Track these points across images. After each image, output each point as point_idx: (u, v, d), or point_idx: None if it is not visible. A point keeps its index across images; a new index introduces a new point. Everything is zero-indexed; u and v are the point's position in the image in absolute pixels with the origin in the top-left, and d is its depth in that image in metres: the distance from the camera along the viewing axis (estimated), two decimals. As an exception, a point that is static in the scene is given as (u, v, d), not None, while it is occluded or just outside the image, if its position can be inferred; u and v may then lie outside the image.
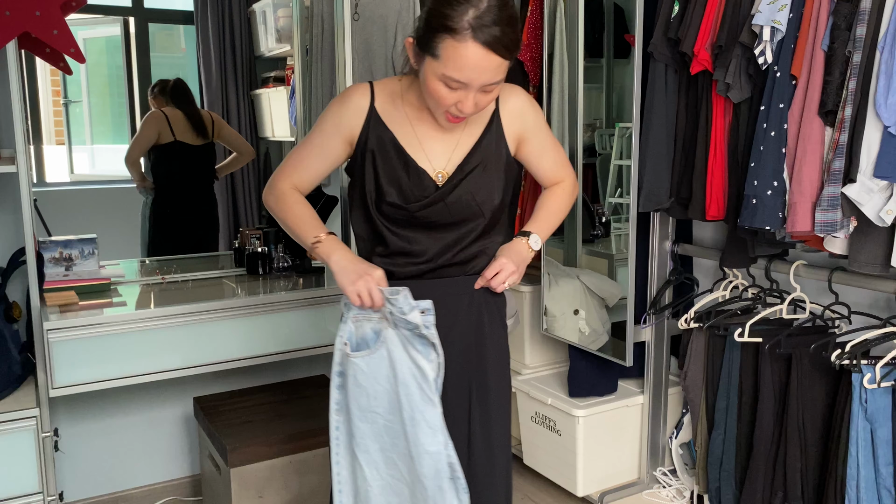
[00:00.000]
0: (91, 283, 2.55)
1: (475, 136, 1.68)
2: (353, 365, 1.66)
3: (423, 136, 1.66)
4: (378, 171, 1.65)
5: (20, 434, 2.19)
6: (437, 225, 1.66)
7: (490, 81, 1.51)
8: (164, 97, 2.98)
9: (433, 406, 1.62)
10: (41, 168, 2.90)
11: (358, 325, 1.67)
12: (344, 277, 1.62)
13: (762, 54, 2.10)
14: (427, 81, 1.53)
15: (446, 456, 1.64)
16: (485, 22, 1.44)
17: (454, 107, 1.54)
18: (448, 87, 1.51)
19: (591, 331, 2.76)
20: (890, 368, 1.96)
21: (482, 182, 1.66)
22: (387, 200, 1.64)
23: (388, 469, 1.69)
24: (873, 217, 1.90)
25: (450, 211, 1.65)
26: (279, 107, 3.15)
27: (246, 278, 2.84)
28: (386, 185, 1.64)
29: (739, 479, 2.36)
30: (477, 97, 1.53)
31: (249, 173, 3.21)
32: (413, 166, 1.64)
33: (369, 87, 1.68)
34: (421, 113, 1.66)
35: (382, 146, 1.65)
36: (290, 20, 3.03)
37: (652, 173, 2.44)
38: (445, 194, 1.64)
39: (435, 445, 1.62)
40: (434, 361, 1.63)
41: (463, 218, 1.66)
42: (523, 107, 1.71)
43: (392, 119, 1.66)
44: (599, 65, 2.86)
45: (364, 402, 1.67)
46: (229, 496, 2.35)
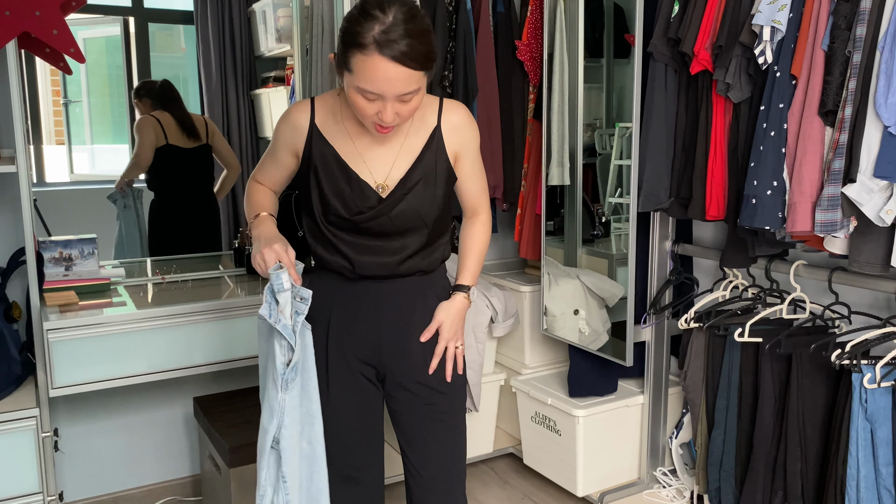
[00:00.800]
0: (91, 283, 2.55)
1: (416, 150, 1.73)
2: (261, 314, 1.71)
3: (364, 149, 1.72)
4: (322, 185, 1.72)
5: (20, 434, 2.19)
6: (382, 234, 1.73)
7: (404, 91, 1.55)
8: (150, 99, 2.97)
9: (275, 389, 1.69)
10: (41, 168, 2.90)
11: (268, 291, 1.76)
12: (255, 247, 1.71)
13: (762, 54, 2.10)
14: (349, 94, 1.60)
15: (273, 435, 1.70)
16: (391, 37, 1.50)
17: (376, 116, 1.59)
18: (366, 99, 1.57)
19: (591, 331, 2.76)
20: (890, 368, 1.96)
21: (425, 196, 1.72)
22: (332, 213, 1.72)
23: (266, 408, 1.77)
24: (873, 217, 1.90)
25: (393, 223, 1.71)
26: (279, 107, 3.15)
27: (246, 278, 2.84)
28: (331, 198, 1.71)
29: (739, 479, 2.36)
30: (396, 107, 1.58)
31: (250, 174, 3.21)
32: (355, 179, 1.70)
33: (310, 105, 1.75)
34: (360, 127, 1.72)
35: (325, 161, 1.72)
36: (290, 20, 3.03)
37: (652, 173, 2.44)
38: (389, 208, 1.71)
39: (266, 422, 1.70)
40: (284, 348, 1.68)
41: (407, 228, 1.73)
42: (463, 124, 1.77)
43: (332, 134, 1.73)
44: (599, 65, 2.86)
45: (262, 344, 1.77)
46: (229, 496, 2.35)
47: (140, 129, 2.96)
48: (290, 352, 1.68)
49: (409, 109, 1.61)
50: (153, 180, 2.98)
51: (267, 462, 1.71)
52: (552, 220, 2.90)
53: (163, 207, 3.01)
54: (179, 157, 3.01)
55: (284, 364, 1.68)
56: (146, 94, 2.98)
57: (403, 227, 1.73)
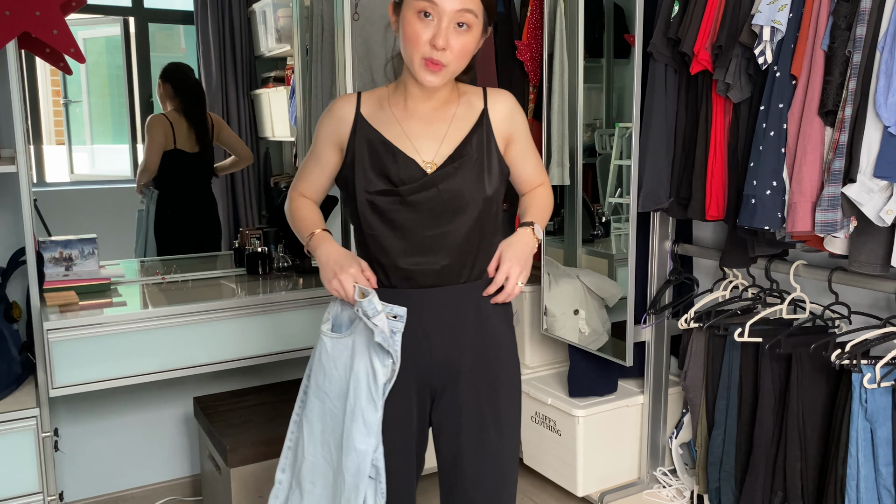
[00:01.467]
0: (91, 283, 2.55)
1: (464, 131, 1.70)
2: (323, 342, 1.72)
3: (411, 132, 1.69)
4: (366, 168, 1.67)
5: (20, 434, 2.19)
6: (430, 216, 1.65)
7: (462, 7, 1.55)
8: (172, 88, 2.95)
9: (375, 409, 1.65)
10: (41, 168, 2.90)
11: (343, 307, 1.73)
12: (324, 272, 1.69)
13: (762, 54, 2.10)
14: (405, 26, 1.59)
15: (373, 458, 1.66)
16: None
17: (428, 46, 1.57)
18: (421, 21, 1.56)
19: (591, 331, 2.76)
20: (890, 368, 1.96)
21: (473, 172, 1.68)
22: (377, 189, 1.65)
23: (322, 449, 1.74)
24: (873, 217, 1.90)
25: (441, 198, 1.64)
26: (279, 107, 3.15)
27: (246, 278, 2.84)
28: (372, 176, 1.66)
29: (739, 479, 2.36)
30: (451, 36, 1.57)
31: (249, 173, 3.21)
32: (401, 155, 1.66)
33: (356, 97, 1.74)
34: (407, 112, 1.70)
35: (371, 144, 1.68)
36: (290, 20, 3.03)
37: (652, 173, 2.44)
38: (438, 179, 1.64)
39: (365, 445, 1.65)
40: (388, 367, 1.64)
41: (453, 208, 1.66)
42: (511, 109, 1.75)
43: (379, 121, 1.70)
44: (599, 65, 2.86)
45: (321, 380, 1.72)
46: (229, 496, 2.35)
47: (150, 130, 2.96)
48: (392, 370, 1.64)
49: (461, 45, 1.59)
50: (157, 181, 2.99)
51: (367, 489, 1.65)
52: (552, 220, 2.90)
53: (165, 208, 3.01)
54: (185, 161, 3.02)
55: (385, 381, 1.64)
56: (170, 79, 2.97)
57: (450, 206, 1.64)
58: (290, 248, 2.94)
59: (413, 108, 1.70)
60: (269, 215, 3.18)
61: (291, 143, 3.20)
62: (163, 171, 2.98)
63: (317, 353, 1.74)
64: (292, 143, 3.17)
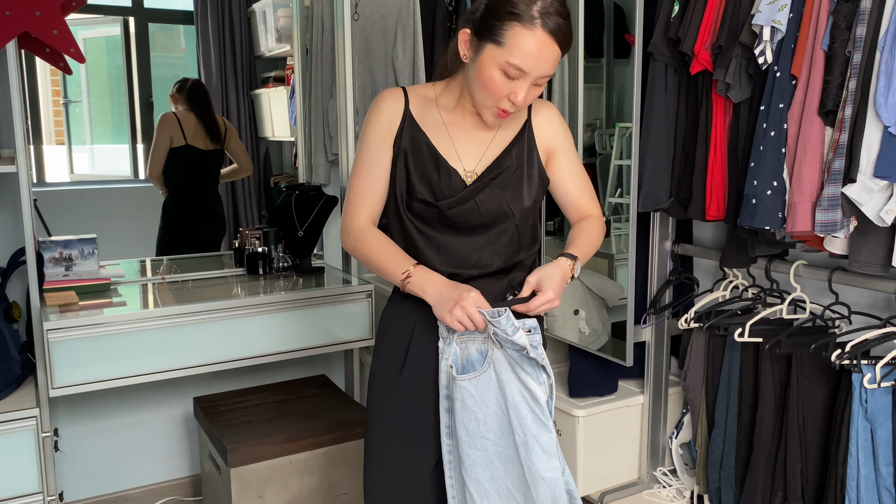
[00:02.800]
0: (91, 283, 2.55)
1: (507, 140, 1.69)
2: (461, 388, 1.61)
3: (456, 138, 1.67)
4: (409, 170, 1.64)
5: (20, 434, 2.19)
6: (467, 226, 1.64)
7: (547, 73, 1.54)
8: (181, 95, 2.99)
9: (547, 430, 1.58)
10: (41, 168, 2.90)
11: (463, 346, 1.62)
12: (441, 308, 1.57)
13: (762, 54, 2.10)
14: (483, 71, 1.54)
15: (564, 483, 1.60)
16: (550, 11, 1.49)
17: (506, 100, 1.55)
18: (506, 77, 1.52)
19: (591, 331, 2.76)
20: (890, 368, 1.96)
21: (512, 183, 1.66)
22: (417, 198, 1.63)
23: (500, 498, 1.64)
24: (873, 217, 1.90)
25: (480, 210, 1.63)
26: (279, 107, 3.15)
27: (246, 278, 2.84)
28: (416, 183, 1.63)
29: (739, 479, 2.35)
30: (529, 89, 1.55)
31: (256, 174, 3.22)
32: (444, 165, 1.64)
33: (402, 92, 1.69)
34: (454, 116, 1.68)
35: (416, 146, 1.65)
36: (290, 20, 3.03)
37: (652, 173, 2.44)
38: (475, 192, 1.63)
39: (551, 472, 1.58)
40: (545, 384, 1.59)
41: (493, 219, 1.64)
42: (554, 120, 1.74)
43: (425, 122, 1.67)
44: (599, 65, 2.86)
45: (473, 427, 1.61)
46: (229, 496, 2.35)
47: (158, 128, 2.98)
48: (549, 379, 1.59)
49: (535, 95, 1.58)
50: (169, 179, 3.00)
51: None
52: (552, 220, 2.90)
53: (175, 206, 3.02)
54: (197, 158, 3.03)
55: (546, 402, 1.59)
56: (178, 90, 3.01)
57: (490, 218, 1.63)
58: (290, 248, 2.94)
59: (460, 114, 1.68)
60: (269, 215, 3.18)
61: (291, 143, 3.20)
62: (175, 167, 2.99)
63: (457, 402, 1.62)
64: (292, 143, 3.18)
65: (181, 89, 3.00)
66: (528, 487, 1.60)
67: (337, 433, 2.46)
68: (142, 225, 3.03)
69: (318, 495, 2.46)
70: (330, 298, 2.63)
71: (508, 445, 1.62)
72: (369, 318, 2.70)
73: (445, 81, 1.70)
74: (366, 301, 2.69)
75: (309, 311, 2.60)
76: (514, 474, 1.62)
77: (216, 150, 3.06)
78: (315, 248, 3.01)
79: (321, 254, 3.12)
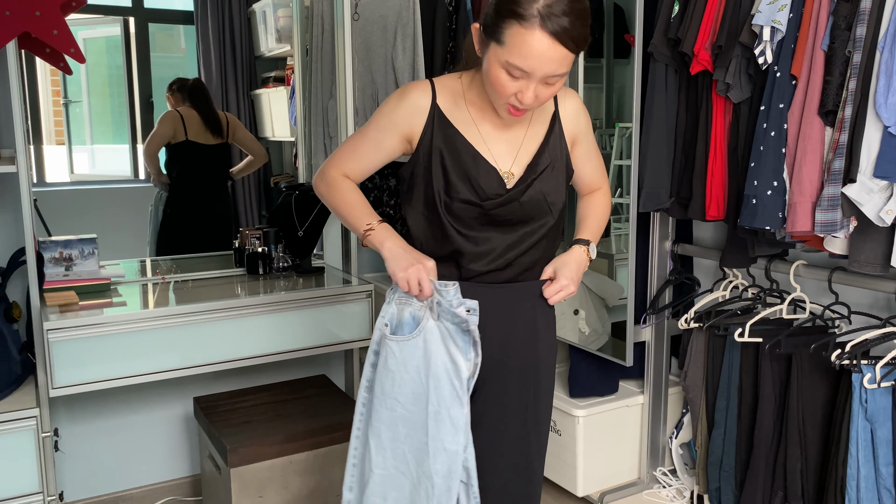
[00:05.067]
0: (91, 283, 2.55)
1: (540, 136, 1.67)
2: (388, 346, 1.64)
3: (488, 136, 1.64)
4: (447, 170, 1.61)
5: (20, 434, 2.19)
6: (506, 222, 1.63)
7: (553, 73, 1.47)
8: (181, 94, 2.99)
9: (461, 405, 1.60)
10: (41, 168, 2.90)
11: (400, 307, 1.65)
12: (396, 264, 1.60)
13: (762, 54, 2.10)
14: (490, 68, 1.51)
15: (463, 458, 1.62)
16: (554, 11, 1.42)
17: (514, 97, 1.51)
18: (510, 76, 1.48)
19: (591, 331, 2.76)
20: (890, 368, 1.96)
21: (552, 182, 1.66)
22: (459, 198, 1.60)
23: (394, 460, 1.67)
24: (873, 217, 1.90)
25: (523, 209, 1.62)
26: (279, 107, 3.15)
27: (246, 278, 2.85)
28: (457, 183, 1.60)
29: (739, 479, 2.36)
30: (538, 89, 1.50)
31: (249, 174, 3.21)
32: (483, 163, 1.61)
33: (430, 85, 1.65)
34: (483, 113, 1.64)
35: (451, 144, 1.62)
36: (290, 20, 3.03)
37: (652, 173, 2.44)
38: (520, 193, 1.62)
39: (455, 444, 1.60)
40: (471, 361, 1.61)
41: (532, 216, 1.64)
42: (578, 109, 1.74)
43: (456, 118, 1.63)
44: (599, 65, 2.86)
45: (388, 386, 1.64)
46: (229, 496, 2.35)
47: (159, 122, 2.99)
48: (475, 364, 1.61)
49: (549, 93, 1.52)
50: (171, 175, 3.00)
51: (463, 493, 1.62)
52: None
53: (177, 203, 3.02)
54: (199, 153, 3.03)
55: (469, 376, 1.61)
56: (178, 89, 3.01)
57: (530, 215, 1.63)
58: (290, 248, 2.94)
59: (491, 109, 1.63)
60: (269, 215, 3.18)
61: (291, 143, 3.20)
62: (176, 163, 3.00)
63: (381, 359, 1.66)
64: (292, 143, 3.18)
65: (181, 88, 3.00)
66: (425, 456, 1.63)
67: (337, 433, 2.46)
68: (142, 225, 3.03)
69: (318, 495, 2.46)
70: (330, 298, 2.63)
71: (417, 413, 1.63)
72: (369, 318, 2.70)
73: (472, 72, 1.65)
74: (366, 301, 2.70)
75: (309, 311, 2.60)
76: (415, 442, 1.64)
77: (220, 145, 3.06)
78: (315, 248, 3.01)
79: (321, 254, 3.12)
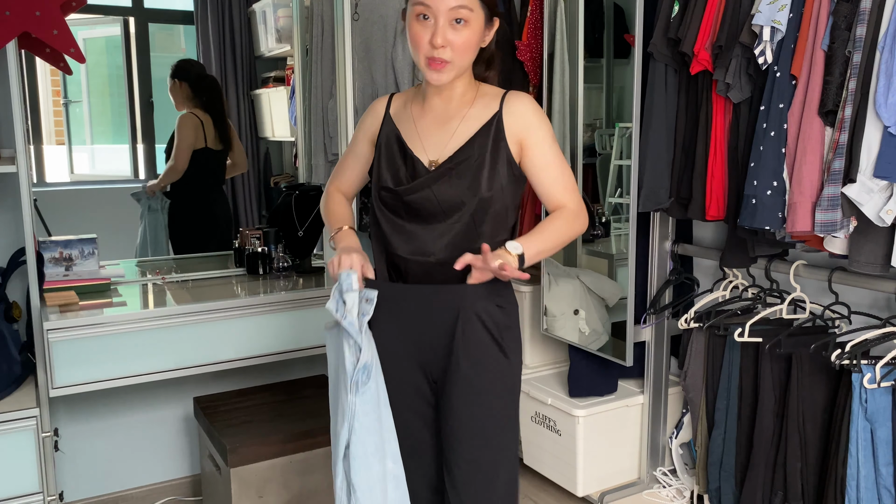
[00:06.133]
0: (91, 283, 2.55)
1: (472, 131, 1.73)
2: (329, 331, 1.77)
3: (424, 130, 1.77)
4: (381, 162, 1.79)
5: (20, 434, 2.19)
6: (427, 214, 1.71)
7: (455, 4, 1.60)
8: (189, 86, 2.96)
9: (345, 393, 1.67)
10: (41, 168, 2.90)
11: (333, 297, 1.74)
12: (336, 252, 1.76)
13: (762, 54, 2.10)
14: (408, 31, 1.67)
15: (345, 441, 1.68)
16: None
17: (428, 45, 1.63)
18: (419, 22, 1.64)
19: (591, 331, 2.76)
20: (890, 368, 1.96)
21: (471, 173, 1.69)
22: (383, 186, 1.76)
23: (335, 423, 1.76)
24: (873, 217, 1.90)
25: (439, 201, 1.69)
26: (279, 107, 3.15)
27: (246, 278, 2.85)
28: (384, 172, 1.77)
29: (739, 479, 2.36)
30: (448, 32, 1.62)
31: (250, 174, 3.22)
32: (409, 155, 1.75)
33: (389, 97, 1.87)
34: (423, 111, 1.79)
35: (388, 140, 1.80)
36: (290, 20, 3.03)
37: (652, 173, 2.44)
38: (433, 180, 1.70)
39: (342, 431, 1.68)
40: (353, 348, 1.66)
41: (449, 208, 1.70)
42: (527, 112, 1.74)
43: (400, 119, 1.81)
44: (599, 65, 2.86)
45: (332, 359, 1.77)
46: (229, 496, 2.35)
47: (182, 127, 2.96)
48: (358, 351, 1.66)
49: (461, 41, 1.64)
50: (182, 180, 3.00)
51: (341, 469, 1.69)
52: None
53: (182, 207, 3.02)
54: (210, 158, 3.04)
55: (354, 364, 1.66)
56: (185, 77, 2.98)
57: (446, 208, 1.69)
58: (290, 248, 2.94)
59: (429, 107, 1.78)
60: (269, 215, 3.18)
61: (291, 143, 3.20)
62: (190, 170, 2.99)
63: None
64: (292, 143, 3.18)
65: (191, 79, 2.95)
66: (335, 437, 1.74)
67: (337, 433, 2.46)
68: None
69: (318, 495, 2.46)
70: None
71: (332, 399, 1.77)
72: (369, 318, 2.69)
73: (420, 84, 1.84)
74: (366, 301, 2.69)
75: (309, 311, 2.60)
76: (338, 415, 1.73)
77: (224, 150, 3.07)
78: (315, 248, 3.01)
79: (321, 254, 3.12)
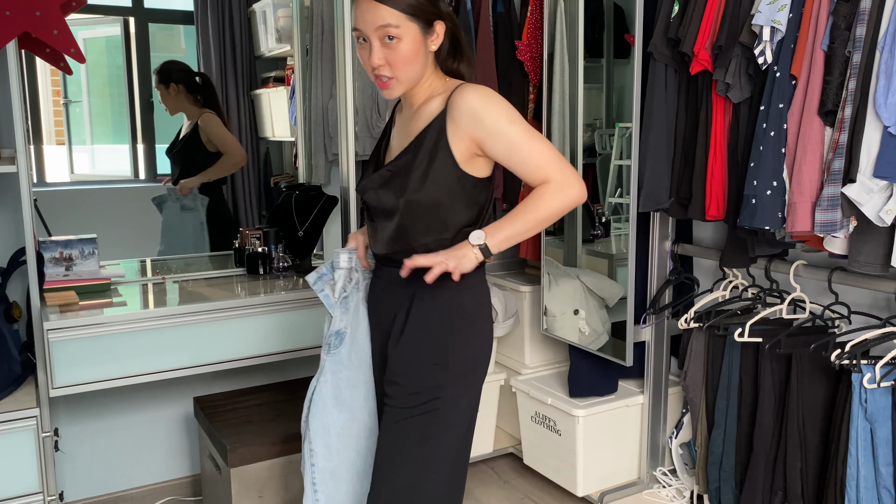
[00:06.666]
0: (91, 283, 2.55)
1: (414, 134, 1.73)
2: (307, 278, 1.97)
3: (396, 133, 1.84)
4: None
5: (20, 434, 2.19)
6: (379, 212, 1.77)
7: (380, 24, 1.61)
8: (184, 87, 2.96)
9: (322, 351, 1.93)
10: (41, 168, 2.90)
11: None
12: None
13: (762, 54, 2.10)
14: None
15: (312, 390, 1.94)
16: None
17: (370, 66, 1.67)
18: (361, 47, 1.67)
19: (591, 331, 2.76)
20: (890, 368, 1.96)
21: (400, 176, 1.70)
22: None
23: None
24: (873, 217, 1.90)
25: (379, 198, 1.74)
26: (279, 107, 3.15)
27: (246, 278, 2.84)
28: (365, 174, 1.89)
29: (739, 479, 2.36)
30: (382, 52, 1.64)
31: (250, 174, 3.21)
32: (375, 154, 1.87)
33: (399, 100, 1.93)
34: (401, 114, 1.84)
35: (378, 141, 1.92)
36: (290, 20, 3.03)
37: (652, 173, 2.44)
38: (374, 181, 1.77)
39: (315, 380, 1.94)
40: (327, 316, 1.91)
41: (385, 209, 1.74)
42: (469, 106, 1.63)
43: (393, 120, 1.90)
44: (599, 65, 2.86)
45: None
46: (229, 496, 2.35)
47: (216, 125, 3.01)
48: (330, 319, 1.89)
49: (397, 57, 1.64)
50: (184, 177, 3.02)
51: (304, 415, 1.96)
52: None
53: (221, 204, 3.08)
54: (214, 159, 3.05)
55: (327, 328, 1.91)
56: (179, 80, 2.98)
57: (383, 208, 1.75)
58: (290, 248, 2.94)
59: (405, 110, 1.82)
60: (269, 215, 3.18)
61: (291, 143, 3.19)
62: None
63: None
64: (292, 143, 3.17)
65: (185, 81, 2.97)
66: None
67: (337, 433, 2.46)
68: (142, 225, 3.03)
69: (318, 495, 2.45)
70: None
71: None
72: (369, 318, 2.69)
73: None
74: (366, 301, 2.69)
75: (309, 310, 2.60)
76: None
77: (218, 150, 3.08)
78: (315, 248, 3.01)
79: (321, 254, 3.12)
